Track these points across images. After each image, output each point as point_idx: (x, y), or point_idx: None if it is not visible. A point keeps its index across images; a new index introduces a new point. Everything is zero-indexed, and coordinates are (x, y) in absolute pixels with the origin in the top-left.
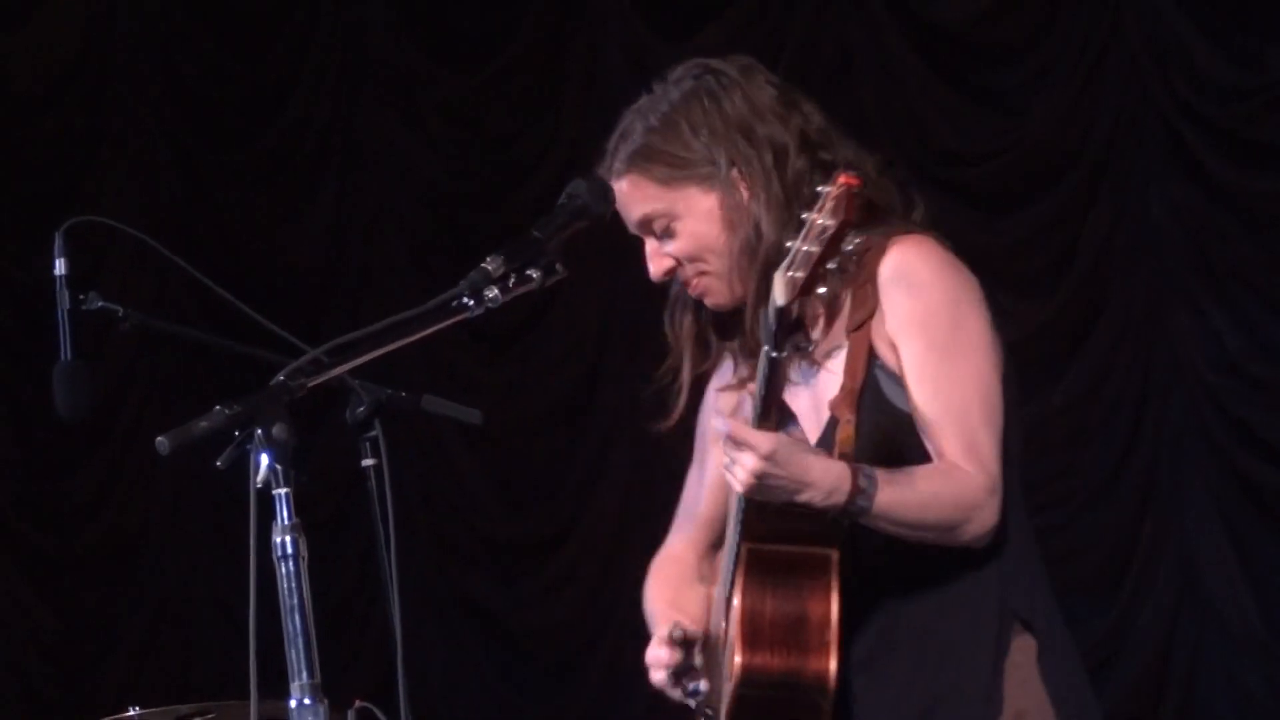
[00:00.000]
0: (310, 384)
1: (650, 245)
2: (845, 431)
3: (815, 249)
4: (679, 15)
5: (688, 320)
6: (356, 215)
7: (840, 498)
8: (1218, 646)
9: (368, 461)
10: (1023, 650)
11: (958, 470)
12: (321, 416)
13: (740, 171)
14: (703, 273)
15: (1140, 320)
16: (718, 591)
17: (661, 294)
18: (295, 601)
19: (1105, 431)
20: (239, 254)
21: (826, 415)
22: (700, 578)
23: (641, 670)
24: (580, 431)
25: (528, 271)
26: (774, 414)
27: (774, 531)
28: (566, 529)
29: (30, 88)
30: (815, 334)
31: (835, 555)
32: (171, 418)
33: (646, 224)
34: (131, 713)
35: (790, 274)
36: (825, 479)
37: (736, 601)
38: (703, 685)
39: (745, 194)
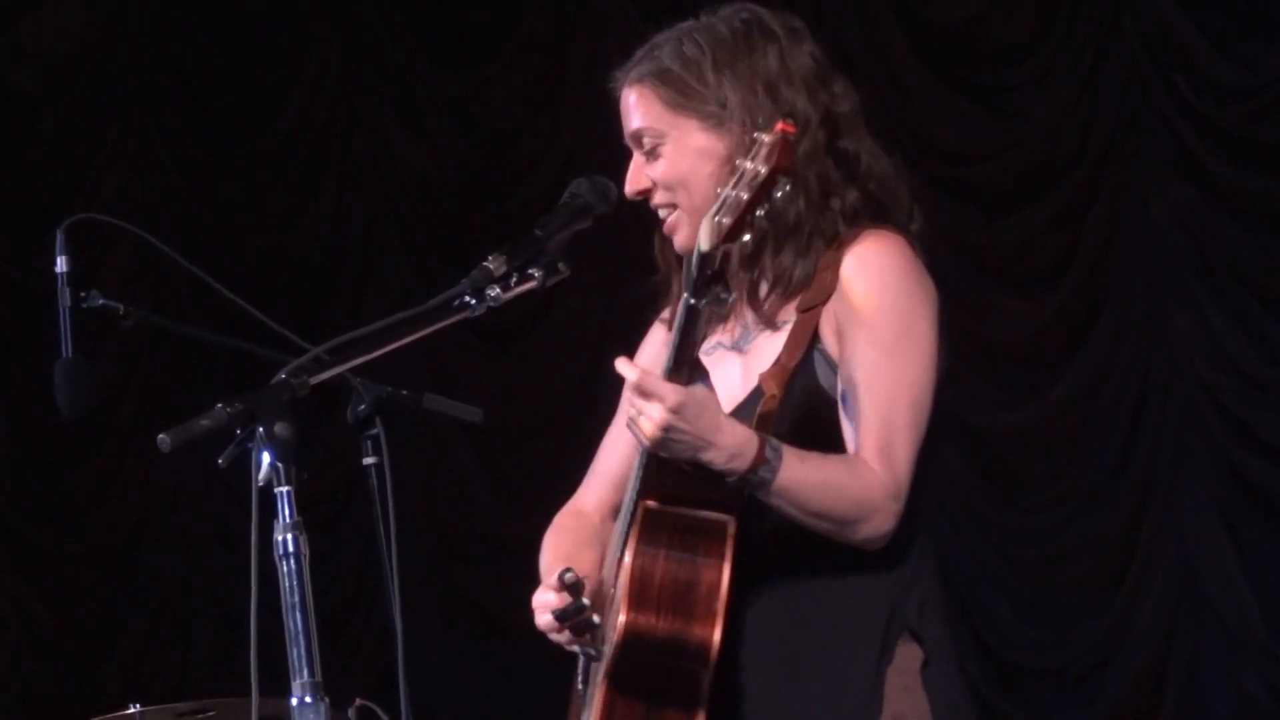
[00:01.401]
0: (312, 382)
1: (636, 160)
2: (768, 405)
3: (746, 193)
4: (680, 12)
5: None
6: (357, 213)
7: (742, 464)
8: (1217, 646)
9: (369, 460)
10: (908, 657)
11: (866, 467)
12: (323, 414)
13: (748, 124)
14: (672, 205)
15: (1140, 320)
16: (610, 549)
17: (661, 297)
18: (296, 599)
19: (1105, 431)
20: (239, 251)
21: (754, 384)
22: (599, 538)
23: None
24: (581, 430)
25: (529, 270)
26: (686, 367)
27: (673, 492)
28: None
29: (30, 86)
30: (765, 305)
31: (733, 525)
32: (172, 415)
33: (638, 137)
34: (131, 710)
35: (717, 219)
36: (730, 442)
37: (628, 559)
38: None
39: (743, 145)
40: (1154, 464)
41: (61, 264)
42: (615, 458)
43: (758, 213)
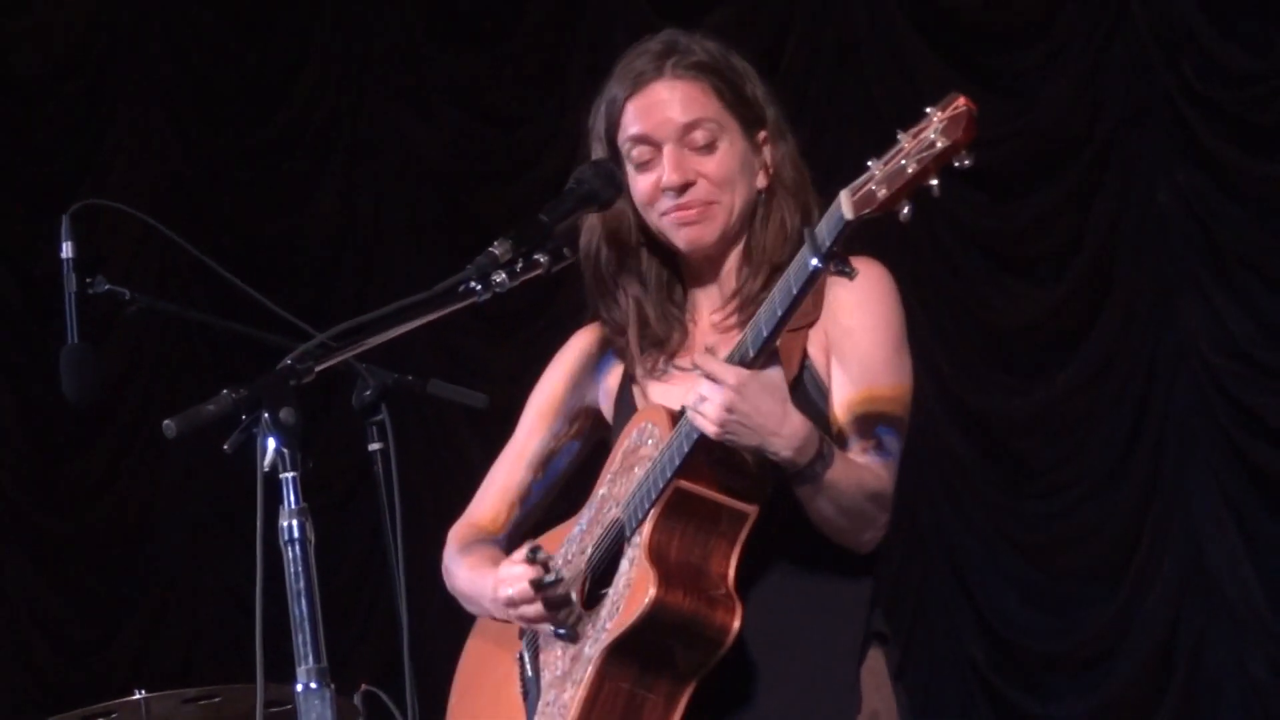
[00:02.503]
0: (317, 368)
1: (676, 152)
2: None
3: (913, 166)
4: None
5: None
6: (363, 199)
7: (804, 457)
8: (1223, 631)
9: (374, 446)
10: (877, 659)
11: (878, 474)
12: (328, 401)
13: (773, 140)
14: (714, 201)
15: (1147, 305)
16: (585, 536)
17: None
18: (302, 585)
19: (1111, 416)
20: (245, 237)
21: None
22: (503, 550)
23: None
24: None
25: (535, 256)
26: (775, 345)
27: (710, 478)
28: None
29: (38, 71)
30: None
31: (753, 515)
32: (178, 401)
33: (691, 129)
34: (137, 696)
35: (869, 188)
36: (798, 433)
37: (644, 537)
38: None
39: (769, 161)
40: (1160, 449)
41: (67, 249)
42: (517, 476)
43: (931, 182)
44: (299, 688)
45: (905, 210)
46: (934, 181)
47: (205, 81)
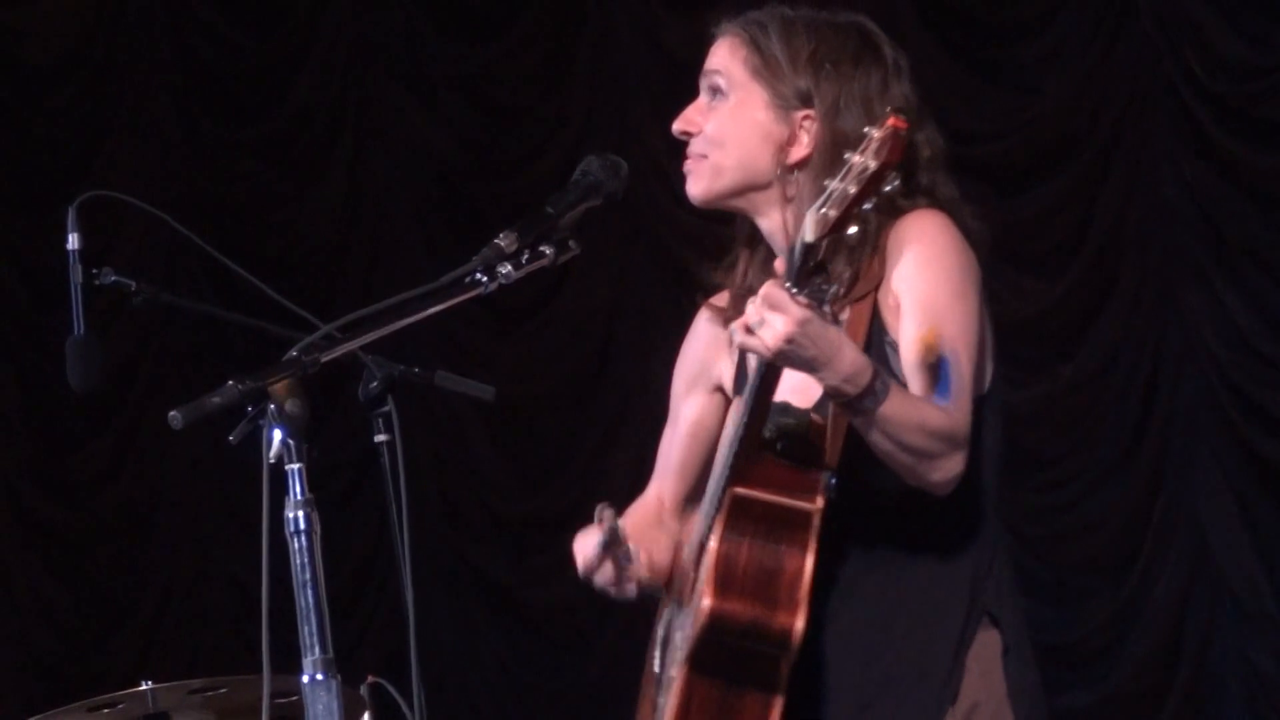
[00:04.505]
0: (323, 359)
1: (698, 102)
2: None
3: (854, 187)
4: None
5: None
6: (368, 190)
7: (853, 389)
8: (1229, 623)
9: (380, 437)
10: (987, 645)
11: (949, 411)
12: (334, 392)
13: (817, 125)
14: (703, 155)
15: (1152, 297)
16: (693, 533)
17: (672, 275)
18: (308, 577)
19: (1117, 408)
20: (251, 229)
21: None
22: (666, 523)
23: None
24: (592, 407)
25: (541, 248)
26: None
27: (760, 478)
28: (578, 504)
29: (43, 62)
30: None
31: (818, 513)
32: (184, 392)
33: (709, 76)
34: (143, 687)
35: (823, 211)
36: (847, 366)
37: (713, 545)
38: (633, 550)
39: (801, 141)
40: (1166, 441)
41: (73, 241)
42: (675, 450)
43: (865, 206)
44: (305, 678)
45: (852, 230)
46: (868, 205)
47: (210, 72)
